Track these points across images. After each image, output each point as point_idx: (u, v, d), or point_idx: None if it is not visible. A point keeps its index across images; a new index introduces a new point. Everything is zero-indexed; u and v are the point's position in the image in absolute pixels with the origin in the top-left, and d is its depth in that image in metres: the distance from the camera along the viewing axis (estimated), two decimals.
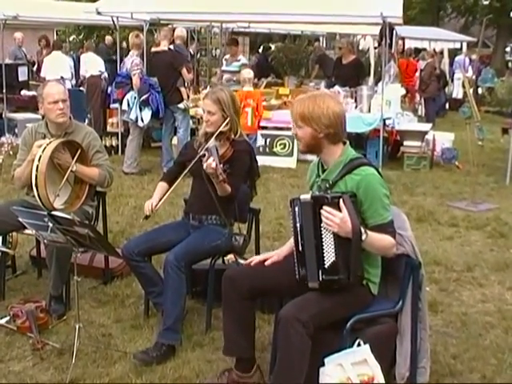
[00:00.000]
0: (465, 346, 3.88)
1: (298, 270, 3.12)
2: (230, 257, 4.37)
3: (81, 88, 11.58)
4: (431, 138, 9.82)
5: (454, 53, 19.98)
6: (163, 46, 8.83)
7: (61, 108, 4.27)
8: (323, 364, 3.01)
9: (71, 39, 21.67)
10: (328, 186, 3.11)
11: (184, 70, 8.66)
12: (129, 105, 8.66)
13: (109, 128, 10.48)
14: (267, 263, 3.32)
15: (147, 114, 8.56)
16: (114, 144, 10.03)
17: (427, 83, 14.19)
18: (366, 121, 9.28)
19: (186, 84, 9.01)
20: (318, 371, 3.02)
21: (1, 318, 4.05)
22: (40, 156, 4.00)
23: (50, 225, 3.42)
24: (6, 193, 6.49)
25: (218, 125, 4.01)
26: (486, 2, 27.55)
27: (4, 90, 10.64)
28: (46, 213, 3.48)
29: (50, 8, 12.57)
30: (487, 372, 3.59)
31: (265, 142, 9.62)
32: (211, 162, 3.71)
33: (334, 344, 3.07)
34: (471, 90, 8.70)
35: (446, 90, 17.02)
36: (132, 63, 8.66)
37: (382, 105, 9.14)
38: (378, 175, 3.09)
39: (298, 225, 3.09)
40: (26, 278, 4.88)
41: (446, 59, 18.12)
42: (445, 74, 16.40)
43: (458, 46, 20.36)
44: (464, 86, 11.49)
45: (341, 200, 2.94)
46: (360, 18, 9.73)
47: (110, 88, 9.79)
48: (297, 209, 3.09)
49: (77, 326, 3.59)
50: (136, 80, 8.54)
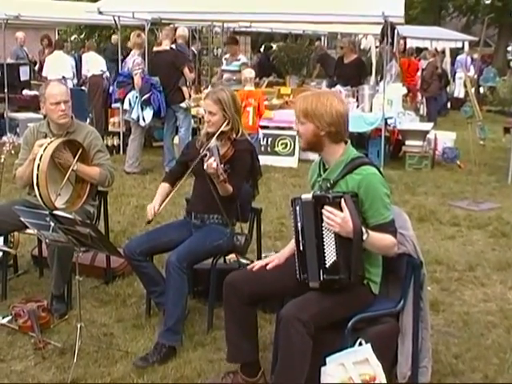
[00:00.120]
0: (467, 345, 3.88)
1: (298, 269, 3.11)
2: (232, 256, 4.37)
3: (82, 87, 11.58)
4: (433, 138, 9.80)
5: (455, 52, 19.95)
6: (165, 45, 8.83)
7: (63, 109, 4.27)
8: (325, 363, 3.01)
9: (73, 39, 21.67)
10: (329, 185, 3.11)
11: (186, 70, 8.66)
12: (130, 104, 8.66)
13: (110, 127, 10.47)
14: (269, 267, 3.31)
15: (149, 114, 8.57)
16: (115, 143, 10.04)
17: (429, 82, 14.18)
18: (367, 120, 9.27)
19: (187, 83, 9.02)
20: (319, 371, 3.02)
21: (3, 318, 4.06)
22: (41, 155, 4.00)
23: (52, 224, 3.42)
24: (8, 192, 6.48)
25: (219, 125, 4.01)
26: (488, 2, 27.52)
27: (6, 90, 10.65)
28: (47, 212, 3.48)
29: (51, 8, 12.58)
30: (489, 372, 3.59)
31: (266, 141, 9.62)
32: (212, 162, 3.71)
33: (335, 343, 3.07)
34: (473, 90, 8.67)
35: (448, 89, 17.01)
36: (133, 63, 8.66)
37: (383, 104, 9.13)
38: (379, 175, 3.09)
39: (299, 224, 3.09)
40: (27, 277, 4.88)
41: (447, 58, 18.11)
42: (446, 74, 16.40)
43: (459, 45, 20.32)
44: (465, 86, 11.46)
45: (342, 200, 2.94)
46: (362, 18, 9.73)
47: (111, 87, 9.79)
48: (298, 208, 3.09)
49: (78, 326, 3.59)
50: (137, 79, 8.54)
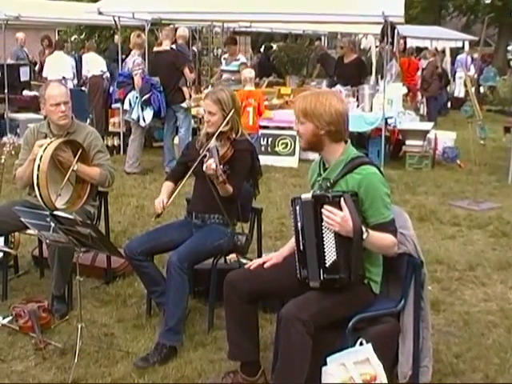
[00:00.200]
0: (467, 345, 3.88)
1: (299, 269, 3.11)
2: (232, 256, 4.37)
3: (82, 88, 11.58)
4: (433, 137, 9.80)
5: (455, 52, 19.95)
6: (165, 45, 8.83)
7: (63, 110, 4.27)
8: (325, 363, 3.01)
9: (73, 39, 21.64)
10: (329, 184, 3.10)
11: (186, 70, 8.66)
12: (130, 104, 8.66)
13: (111, 128, 10.46)
14: (266, 266, 3.31)
15: (149, 114, 8.57)
16: (115, 144, 10.04)
17: (429, 82, 14.17)
18: (367, 120, 9.27)
19: (187, 83, 9.02)
20: (320, 370, 3.02)
21: (3, 318, 4.06)
22: (41, 155, 4.00)
23: (52, 225, 3.42)
24: (8, 193, 6.48)
25: (219, 125, 4.01)
26: (488, 1, 27.52)
27: (6, 90, 10.65)
28: (48, 213, 3.48)
29: (51, 8, 12.58)
30: (490, 371, 3.58)
31: (266, 141, 9.62)
32: (211, 163, 3.71)
33: (336, 343, 3.07)
34: (473, 89, 8.67)
35: (448, 88, 17.00)
36: (134, 63, 8.66)
37: (383, 104, 9.12)
38: (379, 174, 3.09)
39: (299, 224, 3.09)
40: (28, 277, 4.88)
41: (447, 58, 18.11)
42: (446, 73, 16.39)
43: (459, 44, 20.32)
44: (466, 85, 11.46)
45: (342, 199, 2.94)
46: (362, 18, 9.73)
47: (111, 88, 9.78)
48: (298, 208, 3.09)
49: (79, 326, 3.59)
50: (138, 80, 8.54)
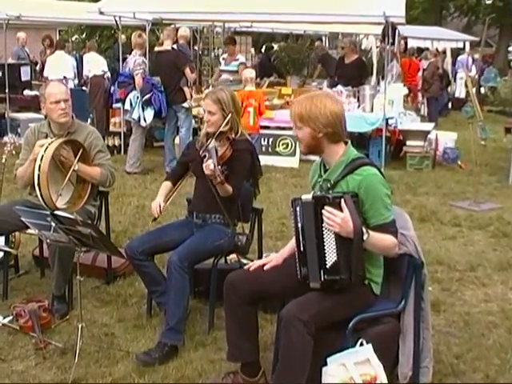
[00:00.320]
0: (468, 345, 3.88)
1: (299, 270, 3.11)
2: (233, 256, 4.37)
3: (83, 88, 11.58)
4: (434, 138, 9.80)
5: (456, 52, 19.96)
6: (166, 45, 8.84)
7: (63, 108, 4.27)
8: (326, 364, 3.01)
9: (74, 39, 21.64)
10: (330, 185, 3.10)
11: (187, 70, 8.66)
12: (131, 104, 8.67)
13: (111, 128, 10.47)
14: (266, 268, 3.31)
15: (150, 114, 8.57)
16: (116, 144, 10.05)
17: (430, 83, 14.17)
18: (368, 120, 9.27)
19: (188, 83, 9.02)
20: (320, 371, 3.02)
21: (4, 318, 4.06)
22: (42, 155, 4.00)
23: (53, 224, 3.42)
24: (9, 192, 6.49)
25: (219, 125, 4.01)
26: (489, 2, 27.51)
27: (7, 90, 10.65)
28: (48, 212, 3.48)
29: (52, 8, 12.57)
30: (490, 372, 3.58)
31: (267, 141, 9.62)
32: (209, 164, 3.72)
33: (336, 344, 3.07)
34: (474, 90, 8.67)
35: (449, 89, 17.01)
36: (135, 63, 8.67)
37: (384, 104, 9.12)
38: (379, 175, 3.08)
39: (299, 225, 3.09)
40: (28, 277, 4.88)
41: (448, 59, 18.11)
42: (447, 74, 16.40)
43: (460, 45, 20.33)
44: (467, 86, 11.45)
45: (342, 200, 2.94)
46: (362, 18, 9.72)
47: (112, 87, 9.79)
48: (298, 209, 3.09)
49: (79, 326, 3.59)
50: (138, 80, 8.55)
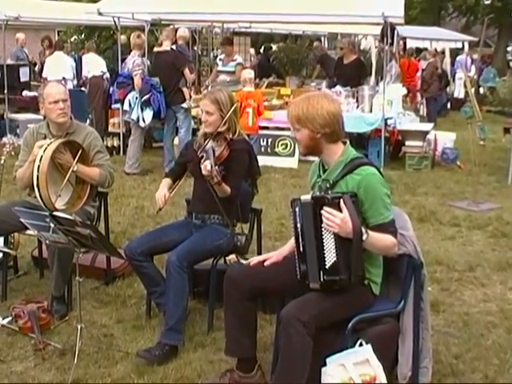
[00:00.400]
0: (467, 345, 3.88)
1: (299, 270, 3.11)
2: (232, 257, 4.37)
3: (82, 88, 11.58)
4: (433, 138, 9.80)
5: (455, 52, 19.97)
6: (166, 46, 8.84)
7: (61, 108, 4.27)
8: (325, 364, 3.01)
9: (72, 40, 21.63)
10: (329, 186, 3.11)
11: (186, 71, 8.67)
12: (130, 105, 8.67)
13: (110, 128, 10.46)
14: (266, 263, 3.32)
15: (149, 115, 8.57)
16: (115, 144, 10.04)
17: (429, 83, 14.18)
18: (367, 121, 9.27)
19: (187, 84, 9.02)
20: (320, 371, 3.02)
21: (3, 319, 4.05)
22: (41, 156, 4.00)
23: (52, 225, 3.42)
24: (8, 193, 6.48)
25: (217, 125, 4.01)
26: (488, 2, 27.52)
27: (6, 91, 10.65)
28: (47, 213, 3.48)
29: (51, 9, 12.57)
30: (489, 372, 3.59)
31: (266, 142, 9.62)
32: (206, 165, 3.72)
33: (335, 344, 3.07)
34: (473, 90, 8.67)
35: (448, 89, 17.00)
36: (133, 63, 8.67)
37: (383, 105, 9.12)
38: (378, 175, 3.09)
39: (298, 225, 3.09)
40: (27, 278, 4.88)
41: (447, 59, 18.11)
42: (446, 74, 16.40)
43: (459, 45, 20.35)
44: (465, 86, 11.46)
45: (341, 200, 2.94)
46: (361, 18, 9.71)
47: (111, 88, 9.79)
48: (297, 209, 3.09)
49: (79, 327, 3.59)
50: (137, 80, 8.55)
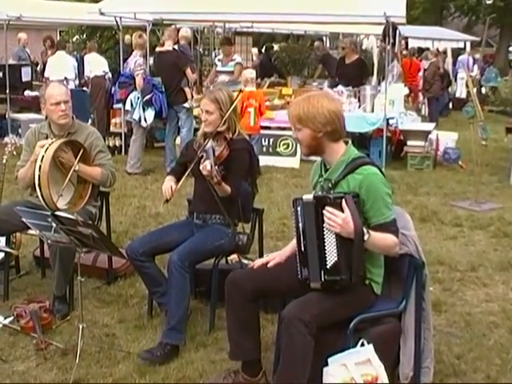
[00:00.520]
0: (469, 345, 3.87)
1: (300, 270, 3.11)
2: (234, 257, 4.37)
3: (84, 88, 11.58)
4: (435, 138, 9.80)
5: (457, 52, 19.97)
6: (168, 46, 8.85)
7: (63, 109, 4.27)
8: (327, 364, 3.01)
9: (74, 39, 21.63)
10: (330, 185, 3.10)
11: (188, 70, 8.67)
12: (132, 105, 8.67)
13: (112, 128, 10.47)
14: (270, 265, 3.32)
15: (150, 114, 8.57)
16: (117, 144, 10.05)
17: (431, 83, 14.17)
18: (369, 120, 9.27)
19: (189, 84, 9.02)
20: (321, 371, 3.02)
21: (5, 318, 4.06)
22: (43, 156, 4.00)
23: (54, 225, 3.42)
24: (10, 193, 6.49)
25: (217, 124, 4.00)
26: (490, 2, 27.52)
27: (7, 91, 10.66)
28: (49, 213, 3.48)
29: (53, 8, 12.59)
30: (491, 372, 3.58)
31: (268, 141, 9.61)
32: (206, 165, 3.72)
33: (337, 344, 3.07)
34: (474, 90, 8.67)
35: (450, 89, 17.00)
36: (135, 63, 8.67)
37: (385, 104, 9.11)
38: (380, 174, 3.08)
39: (300, 225, 3.09)
40: (29, 278, 4.88)
41: (449, 59, 18.11)
42: (448, 74, 16.39)
43: (461, 45, 20.34)
44: (467, 86, 11.45)
45: (343, 200, 2.94)
46: (363, 18, 9.73)
47: (113, 88, 9.79)
48: (299, 209, 3.08)
49: (80, 326, 3.59)
50: (139, 80, 8.55)
